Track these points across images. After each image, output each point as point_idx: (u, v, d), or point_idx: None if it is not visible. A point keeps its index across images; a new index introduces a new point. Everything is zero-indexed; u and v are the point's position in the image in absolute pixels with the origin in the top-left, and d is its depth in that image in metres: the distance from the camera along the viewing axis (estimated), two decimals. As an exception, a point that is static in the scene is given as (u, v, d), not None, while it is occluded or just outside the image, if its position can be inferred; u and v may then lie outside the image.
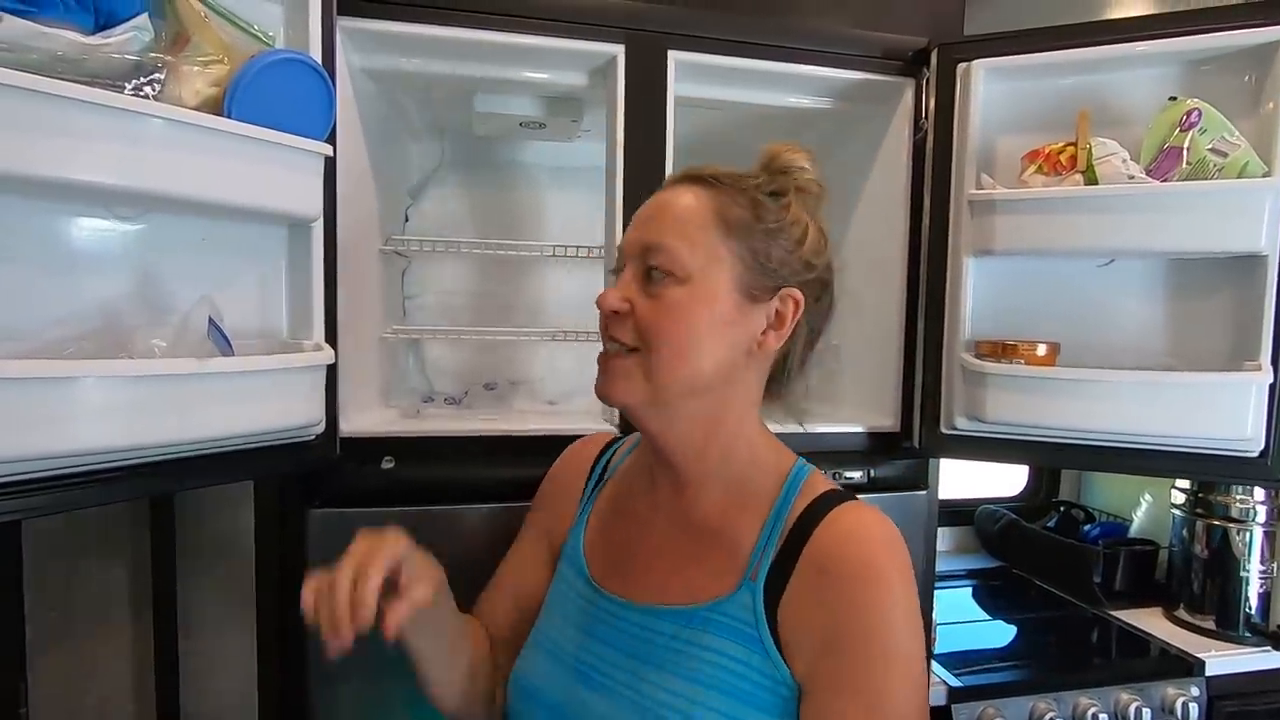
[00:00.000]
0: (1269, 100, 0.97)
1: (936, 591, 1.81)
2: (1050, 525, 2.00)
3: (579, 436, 1.12)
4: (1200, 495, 1.56)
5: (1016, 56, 1.07)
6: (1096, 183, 0.99)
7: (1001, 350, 1.04)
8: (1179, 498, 1.63)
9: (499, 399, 1.53)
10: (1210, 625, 1.53)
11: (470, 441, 1.09)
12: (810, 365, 0.74)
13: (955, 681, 1.32)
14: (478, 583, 0.87)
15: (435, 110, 1.37)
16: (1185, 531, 1.62)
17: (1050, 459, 1.07)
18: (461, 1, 1.04)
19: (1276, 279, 0.94)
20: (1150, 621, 1.61)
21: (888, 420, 1.25)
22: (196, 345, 0.74)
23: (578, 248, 1.31)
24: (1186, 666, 1.40)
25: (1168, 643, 1.49)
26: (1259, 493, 1.47)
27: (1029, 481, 2.15)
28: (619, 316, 0.66)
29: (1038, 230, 1.01)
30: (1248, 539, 1.50)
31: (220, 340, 0.75)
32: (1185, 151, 0.95)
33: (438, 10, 1.04)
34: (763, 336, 0.66)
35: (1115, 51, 1.02)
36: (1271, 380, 0.95)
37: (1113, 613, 1.66)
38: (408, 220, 1.48)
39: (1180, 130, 0.96)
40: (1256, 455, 0.97)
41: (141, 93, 0.68)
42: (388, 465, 1.03)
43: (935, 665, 1.37)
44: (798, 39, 1.17)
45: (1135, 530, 1.86)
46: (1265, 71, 0.98)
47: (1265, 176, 0.94)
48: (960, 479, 2.06)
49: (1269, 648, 1.45)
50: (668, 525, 0.73)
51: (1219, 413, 0.96)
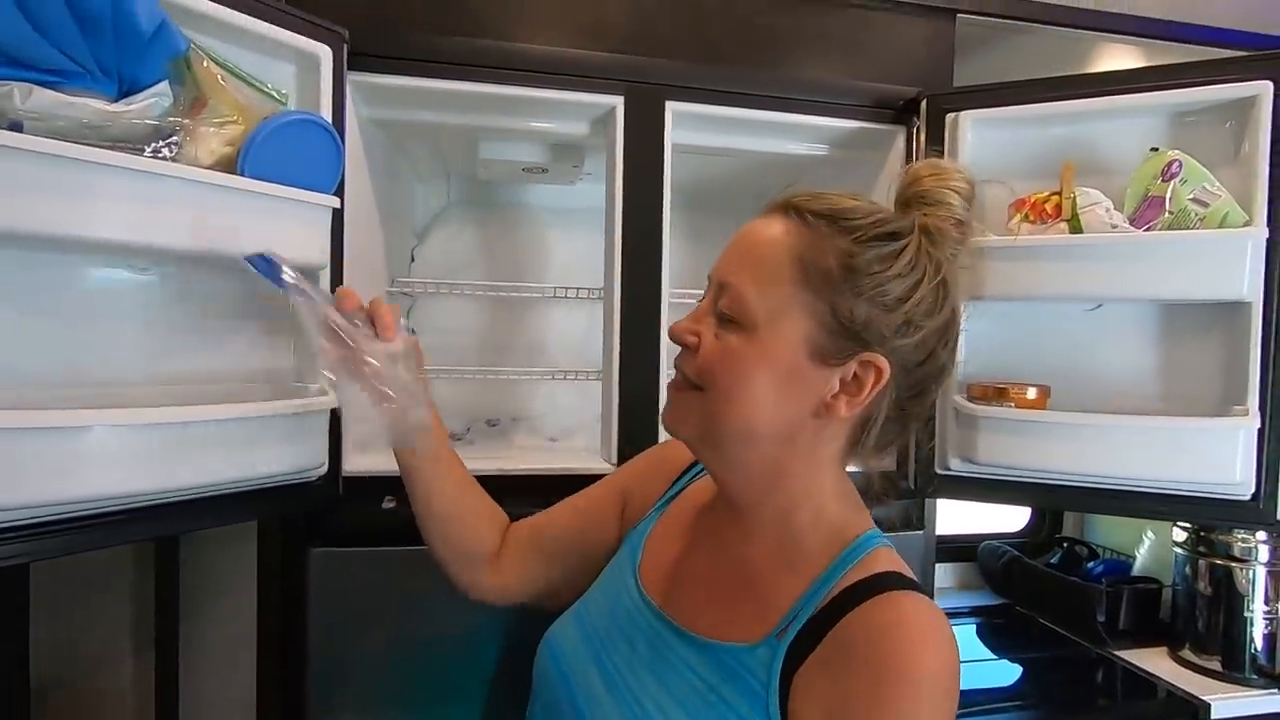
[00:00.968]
0: (1249, 151, 0.99)
1: (939, 629, 1.81)
2: (1053, 562, 1.99)
3: (578, 476, 1.14)
4: (1202, 534, 1.56)
5: (1003, 108, 1.10)
6: (1081, 231, 1.02)
7: (993, 393, 1.06)
8: (1181, 536, 1.62)
9: (501, 435, 1.55)
10: (1216, 666, 1.51)
11: (471, 480, 1.11)
12: (913, 434, 0.68)
13: (957, 723, 1.31)
14: (477, 622, 0.88)
15: (441, 155, 1.42)
16: (1188, 570, 1.61)
17: (1044, 500, 1.08)
18: (467, 56, 1.09)
19: (1261, 325, 0.95)
20: (1155, 662, 1.59)
21: (886, 460, 1.26)
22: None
23: (578, 289, 1.35)
24: (1193, 710, 1.38)
25: (1173, 684, 1.47)
26: (1261, 532, 1.47)
27: (1032, 518, 2.14)
28: (686, 348, 0.64)
29: (1026, 277, 1.04)
30: (1251, 578, 1.49)
31: (264, 268, 0.72)
32: (1167, 201, 0.98)
33: (444, 65, 1.08)
34: (833, 400, 0.59)
35: (1100, 105, 1.05)
36: (1259, 425, 0.96)
37: (1117, 653, 1.64)
38: (413, 260, 1.52)
39: (1161, 180, 0.99)
40: (1248, 498, 0.98)
41: (160, 154, 0.71)
42: (389, 505, 1.05)
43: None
44: (791, 89, 1.21)
45: (1138, 568, 1.85)
46: (1245, 123, 1.01)
47: (1246, 226, 0.96)
48: (963, 515, 2.06)
49: (1275, 690, 1.44)
50: (717, 554, 0.70)
51: (1208, 457, 0.97)
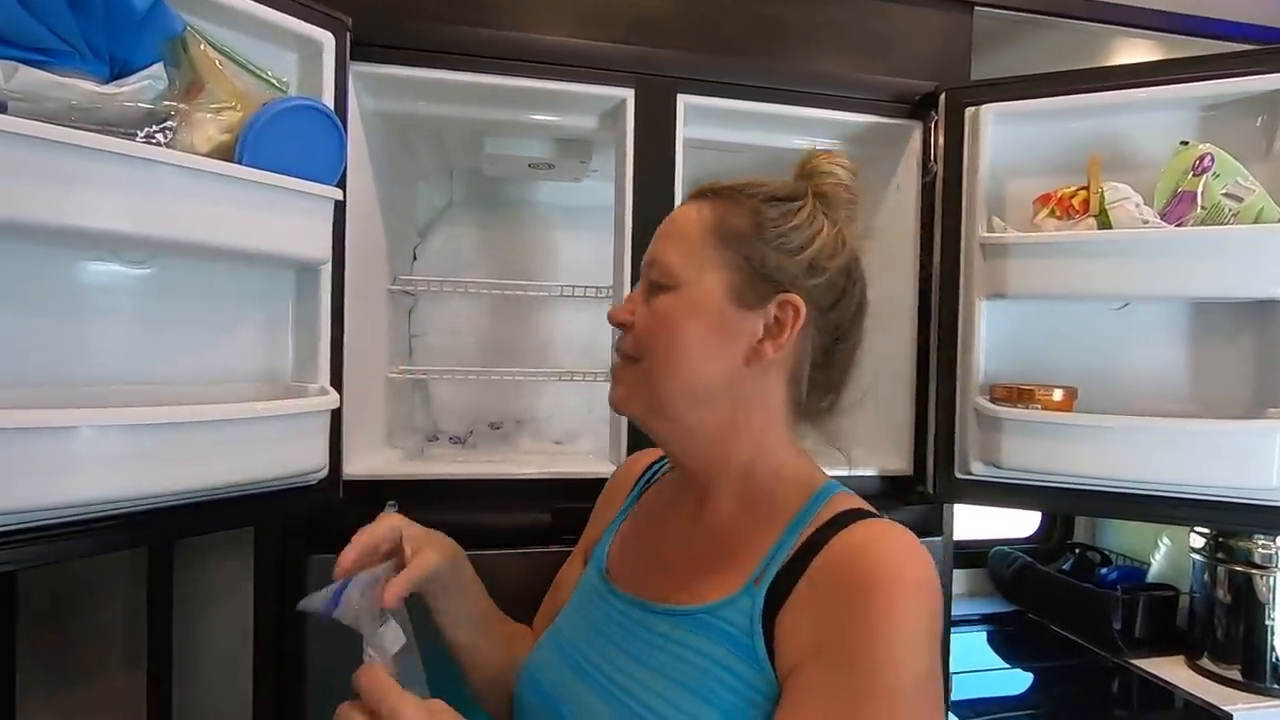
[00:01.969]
0: (1281, 145, 0.96)
1: (950, 636, 1.78)
2: (1066, 568, 1.95)
3: (583, 480, 1.11)
4: (1221, 540, 1.52)
5: (1026, 101, 1.07)
6: (1110, 227, 0.98)
7: (1017, 395, 1.03)
8: (1198, 541, 1.59)
9: (504, 438, 1.51)
10: (1236, 675, 1.48)
11: (473, 485, 1.07)
12: (847, 384, 0.71)
13: (973, 735, 1.27)
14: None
15: (445, 151, 1.38)
16: (1206, 577, 1.57)
17: (1069, 506, 1.04)
18: (473, 47, 1.06)
19: (1297, 324, 0.92)
20: (1173, 671, 1.56)
21: (901, 463, 1.23)
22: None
23: (585, 288, 1.31)
24: (1213, 720, 1.35)
25: (1191, 694, 1.44)
26: (1281, 538, 1.44)
27: (1043, 523, 2.11)
28: (624, 329, 0.68)
29: (1051, 274, 1.00)
30: (1272, 585, 1.46)
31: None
32: (1199, 196, 0.94)
33: (450, 55, 1.05)
34: (759, 344, 0.63)
35: (1126, 97, 1.02)
36: (1295, 428, 0.93)
37: (1133, 661, 1.61)
38: (416, 259, 1.48)
39: (1193, 175, 0.95)
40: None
41: (153, 140, 0.68)
42: (391, 509, 1.01)
43: (950, 718, 1.33)
44: (806, 83, 1.18)
45: (1154, 574, 1.81)
46: (1277, 116, 0.98)
47: (1281, 221, 0.93)
48: (972, 520, 2.02)
49: (1299, 701, 1.40)
50: (689, 531, 0.71)
51: (1241, 461, 0.94)
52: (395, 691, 0.51)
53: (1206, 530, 1.56)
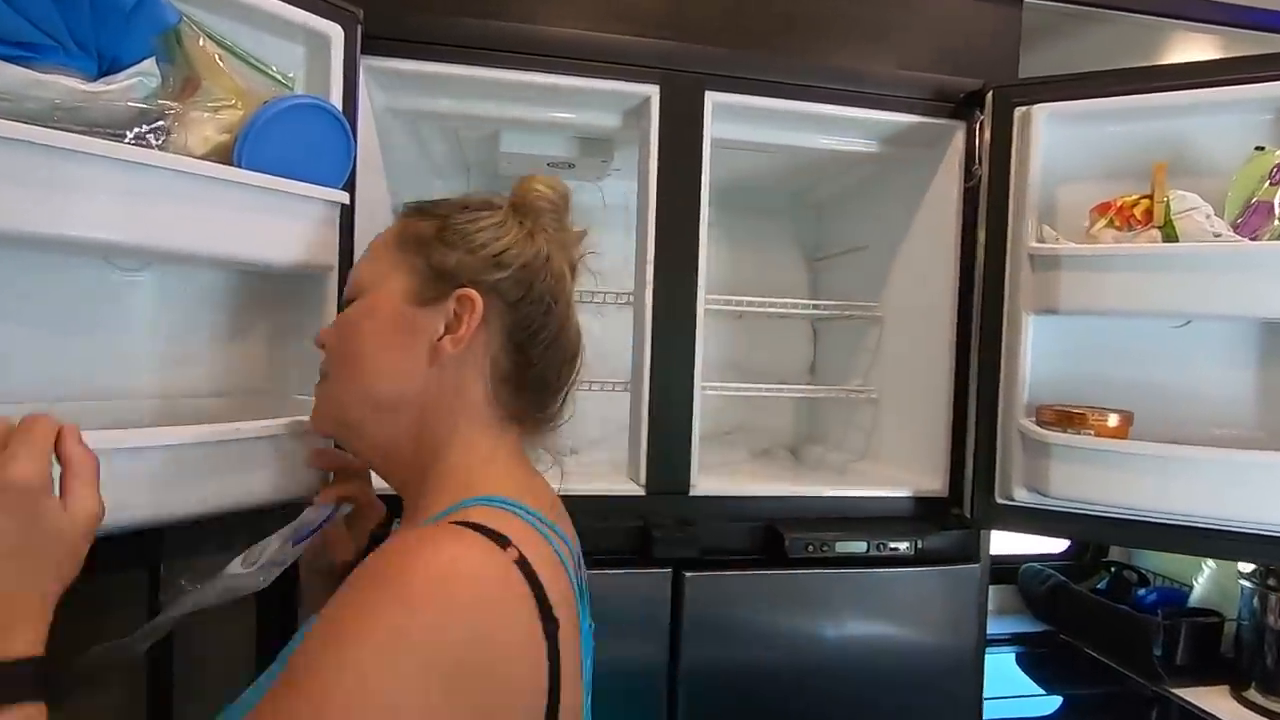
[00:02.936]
0: (1369, 151, 0.88)
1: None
2: (1101, 588, 1.87)
3: (603, 499, 1.05)
4: (1272, 566, 1.44)
5: (1083, 101, 0.99)
6: (1176, 239, 0.90)
7: (1067, 419, 0.95)
8: (1248, 566, 1.51)
9: (519, 446, 1.46)
10: (1285, 709, 1.40)
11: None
12: (561, 389, 0.67)
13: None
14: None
15: (461, 148, 1.33)
16: (1256, 603, 1.49)
17: (1117, 536, 0.98)
18: (489, 40, 1.00)
19: (1383, 349, 0.84)
20: (1216, 702, 1.48)
21: (935, 483, 1.16)
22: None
23: (605, 293, 1.25)
24: (1263, 759, 1.27)
25: (1238, 728, 1.36)
26: (1340, 567, 1.35)
27: (1075, 539, 2.03)
28: (322, 350, 0.66)
29: (1109, 289, 0.93)
30: (1327, 615, 1.38)
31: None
32: (1277, 207, 0.87)
33: (466, 50, 1.00)
34: (439, 342, 0.60)
35: (1194, 97, 0.94)
36: (1378, 462, 0.85)
37: (1174, 690, 1.53)
38: (430, 260, 1.43)
39: (1270, 184, 0.88)
40: (1360, 543, 0.87)
41: (144, 141, 0.63)
42: (398, 524, 0.96)
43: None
44: (841, 80, 1.11)
45: (1196, 598, 1.73)
46: (1363, 120, 0.90)
47: (1368, 236, 0.85)
48: (1003, 534, 1.94)
49: (1353, 738, 1.32)
50: None
51: (1319, 497, 0.86)
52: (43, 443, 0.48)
53: (1261, 557, 1.48)
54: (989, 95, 1.07)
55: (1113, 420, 0.94)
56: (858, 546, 1.07)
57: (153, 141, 0.63)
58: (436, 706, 0.43)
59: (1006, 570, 1.99)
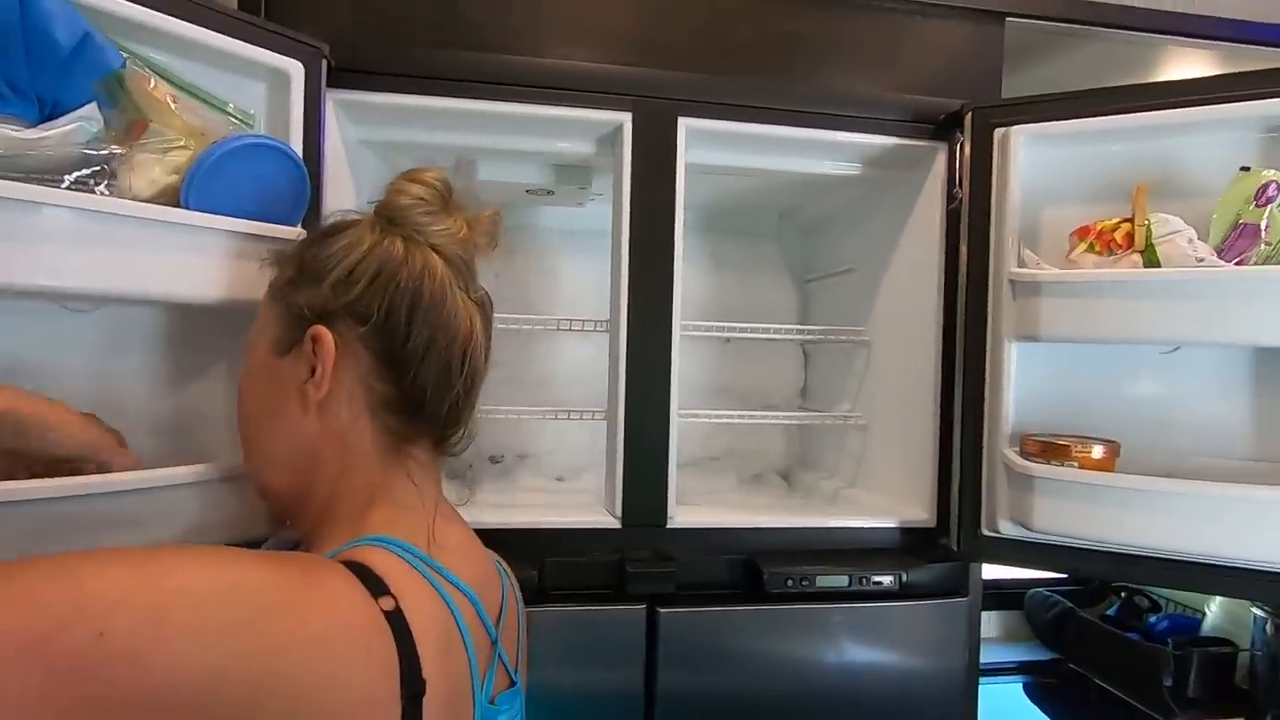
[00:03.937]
0: (1361, 171, 0.84)
1: (982, 686, 1.66)
2: (1110, 614, 1.81)
3: (580, 531, 1.04)
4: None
5: (1063, 122, 0.96)
6: (1158, 264, 0.87)
7: (1052, 450, 0.92)
8: None
9: (505, 473, 1.45)
10: (1303, 746, 1.34)
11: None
12: (460, 398, 0.60)
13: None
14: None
15: (441, 177, 1.33)
16: (1269, 632, 1.44)
17: (1110, 572, 0.93)
18: (460, 71, 1.00)
19: (1380, 377, 0.80)
20: (1230, 737, 1.42)
21: (922, 513, 1.13)
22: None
23: (584, 321, 1.24)
24: (1279, 800, 1.21)
25: (1254, 767, 1.30)
26: (1356, 597, 1.29)
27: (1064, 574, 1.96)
28: None
29: (1090, 316, 0.90)
30: (1344, 647, 1.32)
31: None
32: (1263, 229, 0.83)
33: (435, 80, 0.99)
34: (305, 386, 0.57)
35: (1177, 117, 0.91)
36: (1380, 496, 0.81)
37: (1187, 725, 1.47)
38: (413, 287, 1.43)
39: (1255, 205, 0.84)
40: (1363, 581, 0.82)
41: (84, 185, 0.62)
42: None
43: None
44: (818, 102, 1.09)
45: (1209, 627, 1.67)
46: (1354, 138, 0.86)
47: (1361, 259, 0.81)
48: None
49: (1376, 780, 1.25)
50: None
51: (1317, 532, 0.82)
52: None
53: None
54: (968, 116, 1.04)
55: (1098, 452, 0.90)
56: (839, 580, 1.04)
57: (94, 185, 0.63)
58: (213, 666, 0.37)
59: (1012, 596, 1.94)
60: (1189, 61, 1.31)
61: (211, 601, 0.39)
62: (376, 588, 0.46)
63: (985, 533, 1.02)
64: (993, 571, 1.92)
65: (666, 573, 1.01)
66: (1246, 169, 0.87)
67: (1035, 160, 1.00)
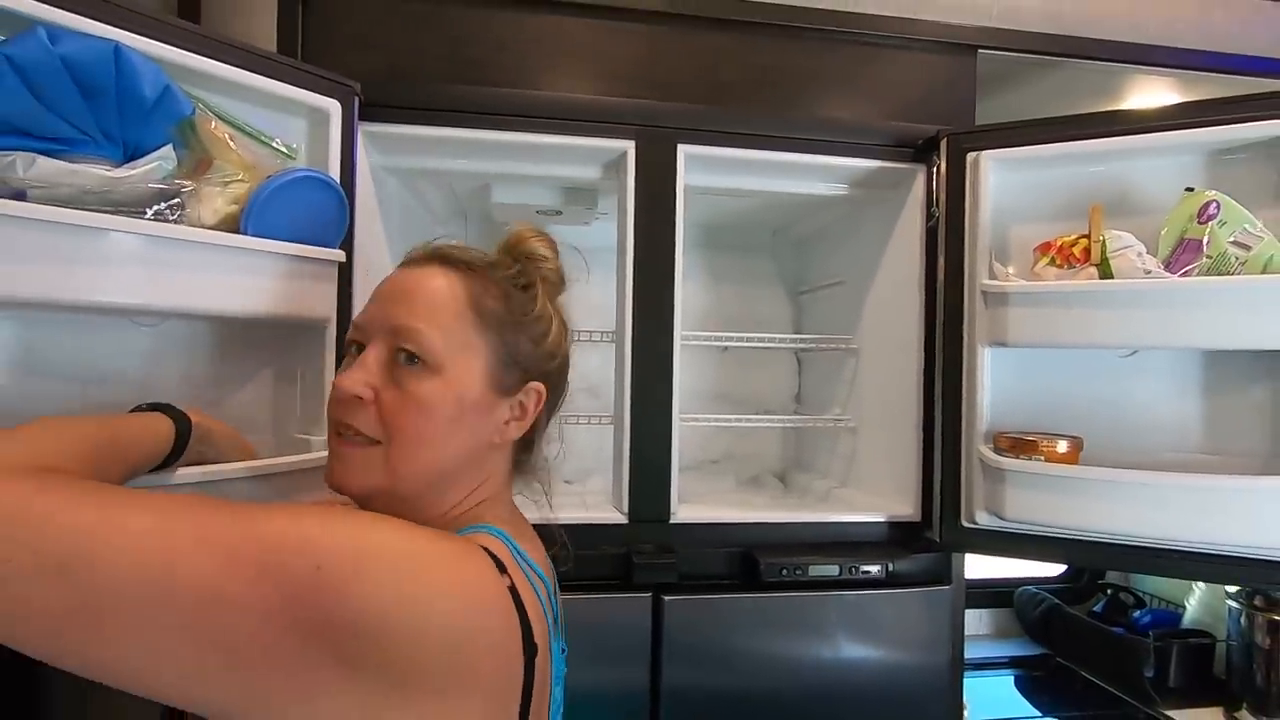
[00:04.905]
0: (1294, 191, 0.94)
1: (974, 680, 1.73)
2: (1096, 610, 1.89)
3: (591, 527, 1.12)
4: (1226, 585, 1.46)
5: (1025, 148, 1.06)
6: (1111, 276, 0.96)
7: (1020, 445, 1.01)
8: (1234, 587, 1.53)
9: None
10: (1277, 731, 1.41)
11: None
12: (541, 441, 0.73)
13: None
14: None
15: (457, 197, 1.42)
16: (1244, 623, 1.51)
17: (1080, 558, 1.01)
18: (476, 104, 1.10)
19: (1312, 376, 0.89)
20: (1210, 724, 1.49)
21: (908, 508, 1.21)
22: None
23: (590, 332, 1.33)
24: (1251, 780, 1.28)
25: (1229, 751, 1.38)
26: (1322, 587, 1.37)
27: (1036, 560, 2.04)
28: (360, 403, 0.60)
29: (1052, 323, 0.99)
30: (1314, 635, 1.39)
31: None
32: (1205, 244, 0.92)
33: (453, 113, 1.09)
34: (505, 426, 0.65)
35: (1129, 144, 1.00)
36: (1315, 483, 0.89)
37: (1167, 712, 1.54)
38: (430, 302, 1.52)
39: (1198, 222, 0.93)
40: (1305, 561, 0.91)
41: (163, 216, 0.72)
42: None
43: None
44: (805, 129, 1.18)
45: (1189, 620, 1.74)
46: (1289, 161, 0.96)
47: (1293, 270, 0.90)
48: (999, 558, 1.97)
49: (1343, 759, 1.33)
50: None
51: (1260, 518, 0.90)
52: None
53: (1240, 577, 1.50)
54: (943, 142, 1.14)
55: (1062, 446, 0.99)
56: (830, 570, 1.12)
57: (169, 216, 0.72)
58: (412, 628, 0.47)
59: (1003, 594, 2.01)
60: (1148, 87, 1.41)
61: (398, 555, 0.49)
62: (500, 567, 0.55)
63: (964, 524, 1.10)
64: (983, 570, 2.00)
65: (669, 564, 1.09)
66: (1191, 190, 0.96)
67: (1003, 182, 1.09)
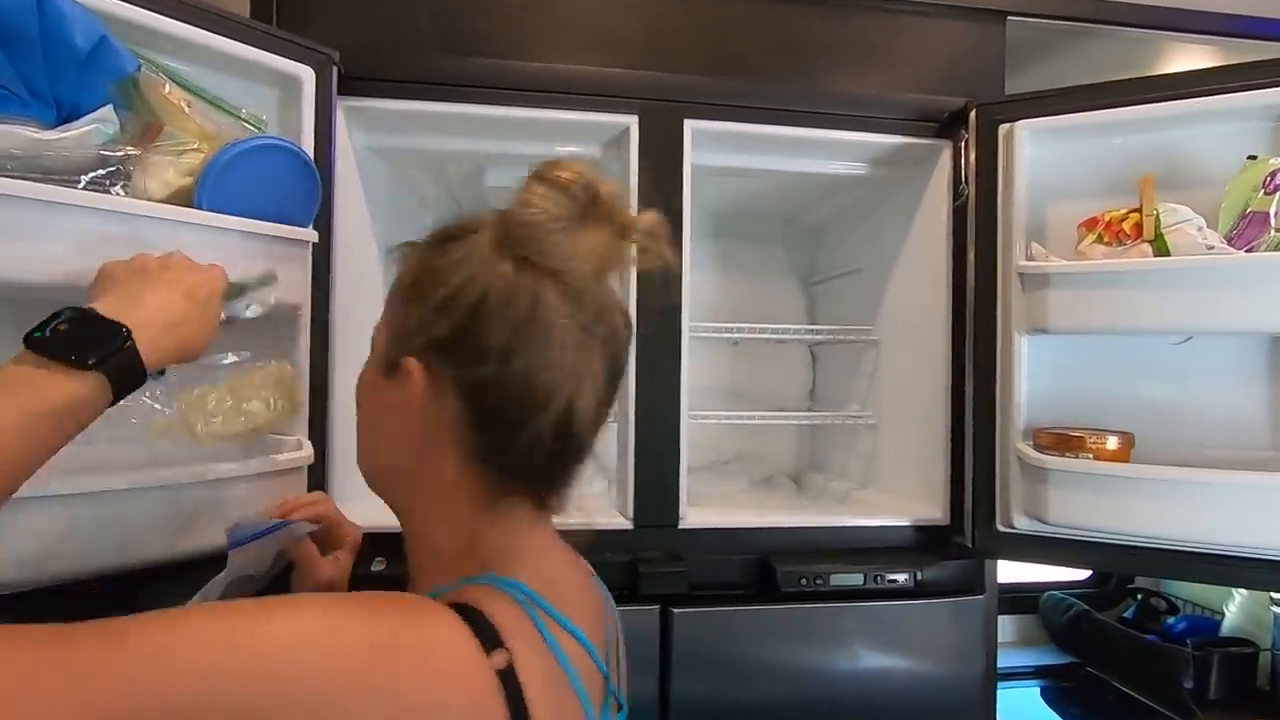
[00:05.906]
0: (1369, 157, 0.84)
1: (999, 691, 1.64)
2: (1127, 616, 1.80)
3: (595, 533, 1.03)
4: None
5: (1065, 116, 0.97)
6: (1167, 253, 0.87)
7: (1065, 442, 0.91)
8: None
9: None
10: (1328, 747, 1.31)
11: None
12: (570, 463, 0.52)
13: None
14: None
15: (448, 183, 1.34)
16: (1289, 631, 1.42)
17: (1128, 565, 0.93)
18: (467, 77, 1.01)
19: (1396, 362, 0.80)
20: (1253, 738, 1.40)
21: (936, 511, 1.12)
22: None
23: (592, 324, 1.24)
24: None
25: (1279, 769, 1.28)
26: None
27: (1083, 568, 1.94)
28: None
29: (1099, 307, 0.90)
30: (1367, 645, 1.30)
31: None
32: (1272, 216, 0.83)
33: (443, 87, 1.01)
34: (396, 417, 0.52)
35: (1181, 108, 0.91)
36: (1400, 482, 0.80)
37: (1209, 727, 1.45)
38: (422, 294, 1.44)
39: (1264, 193, 0.84)
40: (1385, 570, 0.81)
41: (100, 185, 0.63)
42: (378, 567, 0.95)
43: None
44: (823, 103, 1.10)
45: (1228, 627, 1.65)
46: (1360, 125, 0.86)
47: (1371, 244, 0.81)
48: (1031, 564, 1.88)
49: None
50: None
51: (1335, 520, 0.81)
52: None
53: (1289, 582, 1.40)
54: (972, 114, 1.05)
55: (1112, 443, 0.90)
56: (854, 579, 1.03)
57: (109, 186, 0.64)
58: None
59: (1027, 599, 1.92)
60: (1189, 57, 1.32)
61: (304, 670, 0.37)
62: (490, 639, 0.42)
63: (1000, 528, 1.01)
64: (1007, 574, 1.91)
65: (679, 573, 1.00)
66: (1254, 157, 0.87)
67: (1040, 155, 1.00)
